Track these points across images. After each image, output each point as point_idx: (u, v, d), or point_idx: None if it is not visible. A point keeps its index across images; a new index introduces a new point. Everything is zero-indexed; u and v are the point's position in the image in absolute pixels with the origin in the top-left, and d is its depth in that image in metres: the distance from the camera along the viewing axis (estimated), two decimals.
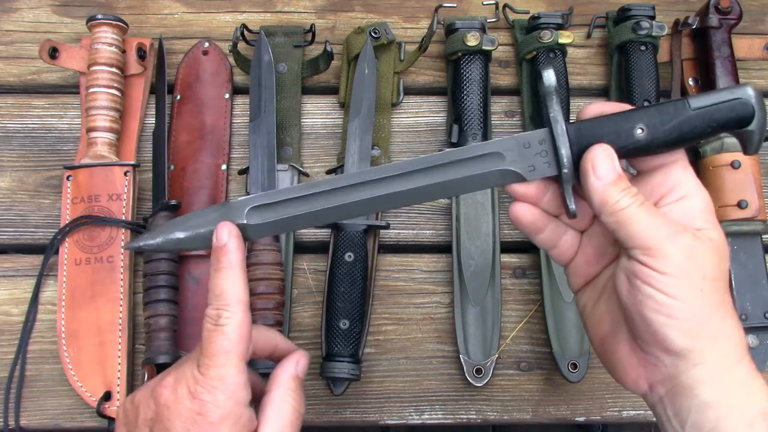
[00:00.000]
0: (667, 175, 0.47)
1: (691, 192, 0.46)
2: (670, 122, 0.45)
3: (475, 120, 0.80)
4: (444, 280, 0.79)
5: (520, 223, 0.50)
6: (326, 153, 0.84)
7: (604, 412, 0.76)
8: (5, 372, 0.74)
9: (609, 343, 0.49)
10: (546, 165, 0.47)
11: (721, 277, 0.44)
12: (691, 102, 0.45)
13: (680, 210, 0.46)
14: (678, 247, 0.43)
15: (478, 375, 0.72)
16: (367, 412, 0.75)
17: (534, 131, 0.47)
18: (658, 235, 0.43)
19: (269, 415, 0.48)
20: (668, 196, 0.46)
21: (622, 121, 0.46)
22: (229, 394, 0.44)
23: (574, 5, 0.88)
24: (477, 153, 0.47)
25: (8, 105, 0.85)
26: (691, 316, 0.43)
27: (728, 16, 0.83)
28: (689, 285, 0.43)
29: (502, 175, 0.47)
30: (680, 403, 0.44)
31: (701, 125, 0.45)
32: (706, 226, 0.45)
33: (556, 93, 0.47)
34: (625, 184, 0.45)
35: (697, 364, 0.43)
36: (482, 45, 0.80)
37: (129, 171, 0.78)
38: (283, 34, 0.86)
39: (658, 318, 0.43)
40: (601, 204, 0.45)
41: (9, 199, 0.81)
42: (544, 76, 0.47)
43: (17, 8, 0.89)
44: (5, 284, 0.78)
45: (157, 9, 0.90)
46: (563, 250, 0.51)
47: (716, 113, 0.45)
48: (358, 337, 0.72)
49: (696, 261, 0.43)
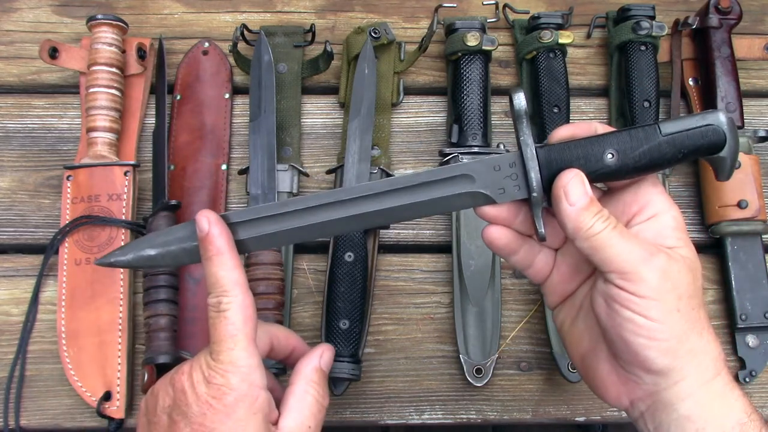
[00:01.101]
0: (637, 194, 0.47)
1: (661, 210, 0.47)
2: (640, 147, 0.45)
3: (475, 120, 0.80)
4: (444, 280, 0.79)
5: (494, 245, 0.50)
6: (326, 153, 0.84)
7: (604, 412, 0.76)
8: (5, 372, 0.74)
9: (589, 360, 0.50)
10: (516, 188, 0.47)
11: (695, 294, 0.45)
12: (663, 127, 0.46)
13: (652, 229, 0.46)
14: (653, 269, 0.44)
15: (478, 375, 0.72)
16: (367, 412, 0.75)
17: (504, 154, 0.48)
18: (633, 259, 0.44)
19: (291, 405, 0.48)
20: (639, 215, 0.47)
21: (592, 145, 0.46)
22: (242, 377, 0.44)
23: (574, 5, 0.88)
24: (447, 175, 0.47)
25: (8, 105, 0.85)
26: (670, 336, 0.44)
27: (728, 16, 0.83)
28: (667, 306, 0.44)
29: (472, 197, 0.48)
30: (660, 417, 0.46)
31: (672, 151, 0.46)
32: (678, 244, 0.46)
33: (526, 116, 0.47)
34: (598, 208, 0.45)
35: (678, 381, 0.45)
36: (482, 45, 0.80)
37: (129, 171, 0.78)
38: (283, 34, 0.86)
39: (638, 340, 0.44)
40: (574, 230, 0.45)
41: (9, 199, 0.81)
42: (514, 99, 0.47)
43: (17, 8, 0.89)
44: (5, 284, 0.78)
45: (157, 9, 0.90)
46: (538, 269, 0.52)
47: (687, 140, 0.45)
48: (358, 337, 0.72)
49: (671, 282, 0.44)
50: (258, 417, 0.45)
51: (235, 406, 0.44)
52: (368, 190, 0.47)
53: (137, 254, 0.47)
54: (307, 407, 0.48)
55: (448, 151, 0.79)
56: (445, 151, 0.80)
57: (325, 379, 0.51)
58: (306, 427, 0.47)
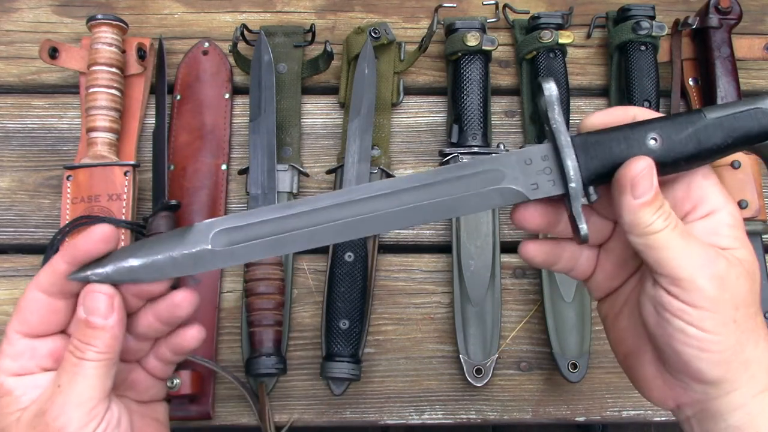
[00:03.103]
0: (690, 189, 0.43)
1: (717, 206, 0.43)
2: (685, 131, 0.41)
3: (475, 120, 0.80)
4: (444, 280, 0.79)
5: (534, 263, 0.47)
6: (326, 153, 0.84)
7: (604, 412, 0.76)
8: None
9: (632, 361, 0.47)
10: (551, 183, 0.42)
11: (753, 302, 0.42)
12: (707, 113, 0.42)
13: (706, 227, 0.42)
14: (710, 278, 0.40)
15: (478, 375, 0.72)
16: (367, 412, 0.75)
17: (536, 146, 0.43)
18: (689, 266, 0.40)
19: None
20: (693, 213, 0.43)
21: (633, 130, 0.42)
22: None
23: (574, 5, 0.88)
24: (474, 170, 0.43)
25: (8, 105, 0.85)
26: (724, 348, 0.41)
27: (728, 16, 0.83)
28: (722, 317, 0.40)
29: (502, 194, 0.43)
30: (708, 426, 0.43)
31: (720, 135, 0.42)
32: (734, 245, 0.42)
33: (558, 103, 0.43)
34: (660, 203, 0.41)
35: (729, 392, 0.42)
36: (482, 45, 0.80)
37: (129, 171, 0.77)
38: (283, 34, 0.86)
39: (690, 351, 0.41)
40: (632, 225, 0.41)
41: (9, 199, 0.81)
42: (545, 88, 0.43)
43: (17, 8, 0.89)
44: (5, 284, 0.78)
45: (157, 9, 0.90)
46: (581, 270, 0.48)
47: (735, 122, 0.41)
48: (358, 337, 0.72)
49: (729, 291, 0.40)
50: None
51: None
52: (386, 188, 0.42)
53: (117, 266, 0.41)
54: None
55: (448, 151, 0.79)
56: (445, 151, 0.80)
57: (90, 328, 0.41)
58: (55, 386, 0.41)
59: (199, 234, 0.42)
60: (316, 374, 0.74)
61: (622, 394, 0.76)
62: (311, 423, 0.75)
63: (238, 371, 0.73)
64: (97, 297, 0.41)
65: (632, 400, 0.76)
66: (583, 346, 0.73)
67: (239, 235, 0.42)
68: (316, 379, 0.74)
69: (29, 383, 0.42)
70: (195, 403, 0.72)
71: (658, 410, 0.75)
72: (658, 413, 0.75)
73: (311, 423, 0.75)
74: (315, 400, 0.75)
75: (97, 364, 0.40)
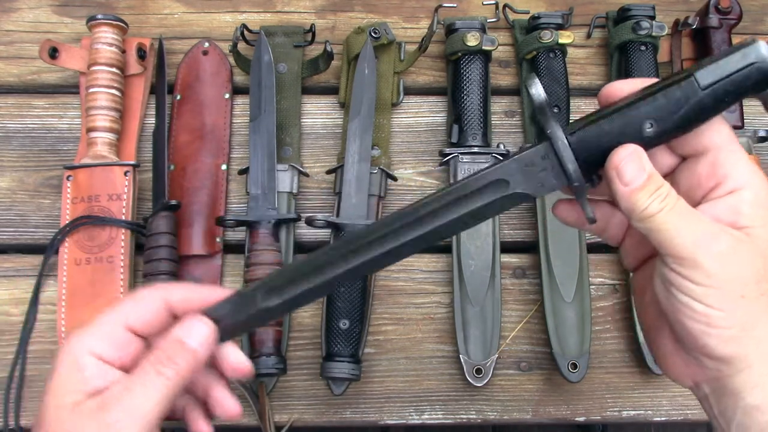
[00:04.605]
0: (715, 166, 0.42)
1: (742, 184, 0.41)
2: (680, 110, 0.41)
3: (475, 120, 0.80)
4: (444, 280, 0.79)
5: (566, 222, 0.48)
6: (326, 153, 0.84)
7: (604, 412, 0.76)
8: (5, 372, 0.74)
9: (654, 335, 0.47)
10: (554, 179, 0.44)
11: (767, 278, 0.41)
12: (700, 79, 0.40)
13: (726, 205, 0.41)
14: (713, 255, 0.40)
15: (478, 375, 0.72)
16: (367, 412, 0.75)
17: (534, 148, 0.44)
18: (690, 244, 0.40)
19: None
20: (716, 190, 0.42)
21: (628, 119, 0.42)
22: None
23: (574, 5, 0.88)
24: (479, 185, 0.44)
25: (8, 105, 0.85)
26: (732, 324, 0.40)
27: (728, 16, 0.83)
28: (729, 293, 0.40)
29: (511, 199, 0.44)
30: (726, 403, 0.43)
31: (713, 103, 0.40)
32: (753, 224, 0.41)
33: (547, 105, 0.44)
34: (656, 185, 0.41)
35: (743, 370, 0.41)
36: (482, 45, 0.80)
37: (129, 171, 0.78)
38: (283, 34, 0.86)
39: (698, 326, 0.41)
40: (628, 211, 0.42)
41: (9, 199, 0.81)
42: (532, 91, 0.44)
43: (17, 8, 0.89)
44: (5, 284, 0.78)
45: (157, 9, 0.90)
46: (613, 233, 0.49)
47: (730, 87, 0.40)
48: (358, 337, 0.72)
49: (735, 267, 0.40)
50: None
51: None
52: (400, 220, 0.44)
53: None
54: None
55: (448, 151, 0.79)
56: (445, 151, 0.80)
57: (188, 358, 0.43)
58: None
59: (249, 297, 0.45)
60: (316, 374, 0.74)
61: (622, 394, 0.76)
62: (311, 423, 0.75)
63: None
64: (199, 325, 0.43)
65: (632, 400, 0.76)
66: (583, 346, 0.73)
67: (285, 292, 0.45)
68: (316, 379, 0.74)
69: (103, 372, 0.42)
70: None
71: (658, 410, 0.75)
72: (658, 413, 0.75)
73: (311, 423, 0.75)
74: (315, 400, 0.75)
75: (170, 383, 0.41)
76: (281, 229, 0.77)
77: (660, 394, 0.76)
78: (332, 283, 0.45)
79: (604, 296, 0.79)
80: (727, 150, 0.42)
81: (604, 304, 0.78)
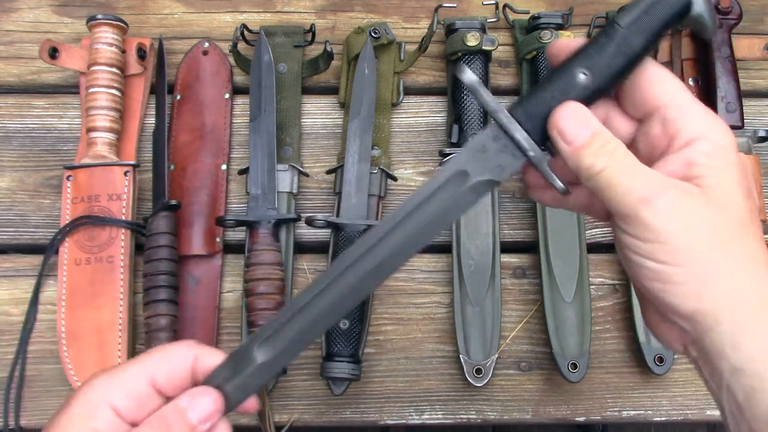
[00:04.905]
0: (665, 123, 0.41)
1: (696, 135, 0.40)
2: (607, 53, 0.40)
3: (475, 120, 0.80)
4: (444, 280, 0.79)
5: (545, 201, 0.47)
6: (326, 153, 0.84)
7: (604, 412, 0.76)
8: (5, 372, 0.74)
9: (642, 305, 0.45)
10: (512, 158, 0.43)
11: (727, 229, 0.39)
12: (619, 20, 0.40)
13: (680, 159, 0.40)
14: (654, 210, 0.38)
15: (478, 375, 0.72)
16: (367, 412, 0.75)
17: (482, 132, 0.44)
18: (630, 200, 0.39)
19: None
20: (671, 147, 0.41)
21: (564, 76, 0.41)
22: None
23: (574, 5, 0.88)
24: (439, 182, 0.43)
25: (8, 105, 0.85)
26: (687, 279, 0.38)
27: (728, 16, 0.83)
28: (678, 247, 0.38)
29: (476, 189, 0.43)
30: (713, 365, 0.40)
31: (642, 40, 0.40)
32: (705, 173, 0.39)
33: (480, 86, 0.43)
34: (601, 142, 0.40)
35: (713, 327, 0.38)
36: (482, 45, 0.80)
37: (129, 171, 0.78)
38: (283, 34, 0.86)
39: (655, 285, 0.39)
40: (576, 170, 0.40)
41: (9, 199, 0.81)
42: (463, 78, 0.43)
43: (17, 8, 0.89)
44: (5, 284, 0.78)
45: (157, 9, 0.90)
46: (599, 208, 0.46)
47: (648, 20, 0.40)
48: (358, 337, 0.72)
49: (680, 220, 0.38)
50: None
51: None
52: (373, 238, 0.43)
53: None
54: None
55: (448, 151, 0.79)
56: (445, 151, 0.80)
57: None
58: None
59: (244, 354, 0.43)
60: (316, 374, 0.74)
61: (622, 394, 0.76)
62: (311, 423, 0.75)
63: None
64: (204, 399, 0.41)
65: (632, 400, 0.76)
66: (583, 346, 0.73)
67: (278, 339, 0.43)
68: (316, 379, 0.74)
69: (114, 426, 0.40)
70: None
71: (658, 410, 0.75)
72: (658, 413, 0.75)
73: (311, 423, 0.75)
74: (315, 400, 0.75)
75: None
76: (281, 229, 0.77)
77: (660, 394, 0.76)
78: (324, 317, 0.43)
79: (604, 296, 0.79)
80: (676, 105, 0.41)
81: (604, 304, 0.79)
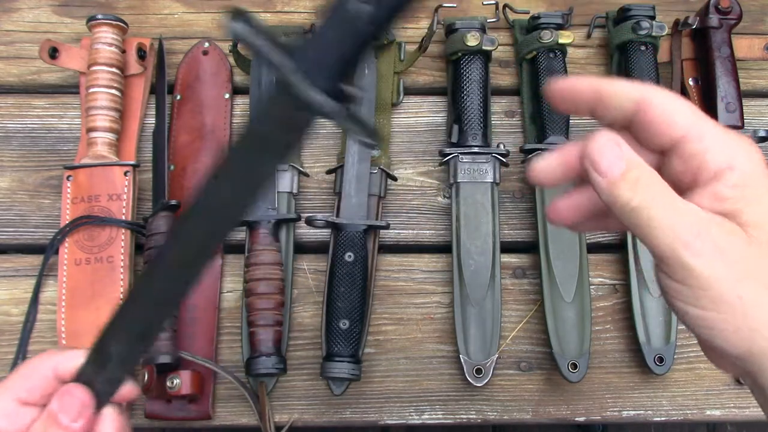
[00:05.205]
0: (685, 160, 0.37)
1: (720, 167, 0.36)
2: None
3: (475, 120, 0.80)
4: (444, 280, 0.79)
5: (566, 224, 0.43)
6: (326, 153, 0.84)
7: (604, 412, 0.76)
8: (5, 372, 0.74)
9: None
10: (307, 116, 0.35)
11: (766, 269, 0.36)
12: None
13: (709, 195, 0.36)
14: (698, 254, 0.35)
15: (478, 375, 0.72)
16: (367, 412, 0.75)
17: (267, 98, 0.35)
18: (673, 243, 0.35)
19: None
20: (696, 184, 0.37)
21: (335, 11, 0.32)
22: None
23: (574, 5, 0.88)
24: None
25: (8, 105, 0.85)
26: (736, 326, 0.36)
27: (728, 16, 0.83)
28: (723, 294, 0.35)
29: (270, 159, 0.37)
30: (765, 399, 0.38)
31: None
32: (741, 207, 0.36)
33: (253, 34, 0.34)
34: (636, 175, 0.36)
35: (766, 368, 0.36)
36: (482, 45, 0.80)
37: (129, 171, 0.78)
38: (283, 34, 0.86)
39: (701, 331, 0.37)
40: (609, 204, 0.37)
41: (9, 199, 0.81)
42: (230, 30, 0.34)
43: (17, 8, 0.89)
44: (5, 284, 0.78)
45: (157, 9, 0.90)
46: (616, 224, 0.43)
47: None
48: (358, 337, 0.72)
49: (725, 265, 0.35)
50: None
51: None
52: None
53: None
54: None
55: (448, 151, 0.79)
56: (445, 151, 0.80)
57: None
58: None
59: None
60: (316, 374, 0.74)
61: (622, 394, 0.76)
62: (311, 423, 0.75)
63: (238, 371, 0.73)
64: (69, 397, 0.41)
65: (632, 400, 0.76)
66: (583, 346, 0.73)
67: (124, 329, 0.43)
68: (316, 379, 0.74)
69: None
70: (195, 403, 0.72)
71: (658, 410, 0.75)
72: (658, 413, 0.75)
73: (311, 423, 0.75)
74: (315, 400, 0.75)
75: None
76: (281, 229, 0.77)
77: (660, 394, 0.76)
78: (160, 298, 0.41)
79: (604, 296, 0.79)
80: (694, 137, 0.37)
81: (604, 304, 0.79)
